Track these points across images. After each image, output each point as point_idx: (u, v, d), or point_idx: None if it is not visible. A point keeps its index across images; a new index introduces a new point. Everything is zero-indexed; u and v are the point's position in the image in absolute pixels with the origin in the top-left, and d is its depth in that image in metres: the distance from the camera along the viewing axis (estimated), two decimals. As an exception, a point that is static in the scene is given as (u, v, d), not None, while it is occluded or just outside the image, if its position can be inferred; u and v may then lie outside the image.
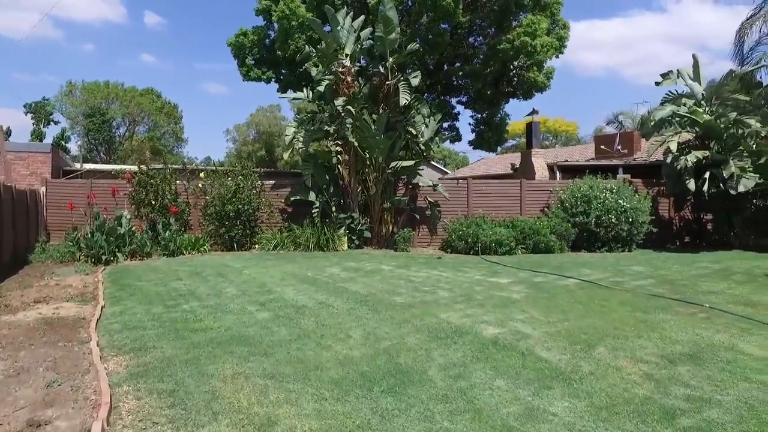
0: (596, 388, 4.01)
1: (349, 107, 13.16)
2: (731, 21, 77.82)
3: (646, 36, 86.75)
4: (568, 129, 60.80)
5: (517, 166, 19.87)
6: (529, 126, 17.29)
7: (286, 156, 14.77)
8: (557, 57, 17.00)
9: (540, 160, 17.32)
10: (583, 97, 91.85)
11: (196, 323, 5.92)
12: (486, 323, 5.87)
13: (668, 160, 14.50)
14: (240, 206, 13.39)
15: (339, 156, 13.93)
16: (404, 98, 12.78)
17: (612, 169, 16.85)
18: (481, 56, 17.20)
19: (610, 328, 5.66)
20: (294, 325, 5.88)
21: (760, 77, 16.03)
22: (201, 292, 7.82)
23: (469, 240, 13.19)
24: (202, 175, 14.82)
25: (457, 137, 19.88)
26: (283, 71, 17.98)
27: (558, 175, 17.32)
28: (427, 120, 13.53)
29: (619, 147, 21.72)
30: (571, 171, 17.59)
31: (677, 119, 14.42)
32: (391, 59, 13.59)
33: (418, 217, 14.70)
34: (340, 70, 13.39)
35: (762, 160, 13.36)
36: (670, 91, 15.73)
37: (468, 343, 5.15)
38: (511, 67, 17.00)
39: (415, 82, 12.91)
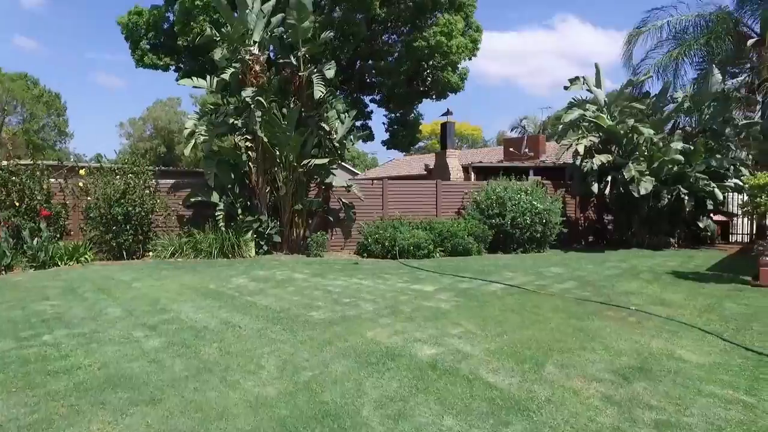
0: (558, 420, 3.45)
1: (259, 99, 11.96)
2: (608, 42, 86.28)
3: (539, 50, 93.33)
4: (473, 133, 63.23)
5: (432, 166, 19.73)
6: (444, 126, 17.18)
7: (186, 151, 13.16)
8: (470, 59, 17.02)
9: (455, 161, 17.25)
10: (485, 104, 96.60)
11: (59, 361, 4.60)
12: (420, 341, 5.18)
13: (576, 162, 15.00)
14: (130, 208, 11.65)
15: (246, 153, 12.65)
16: (319, 91, 11.85)
17: (523, 171, 17.20)
18: (396, 54, 16.75)
19: (551, 340, 5.23)
20: (192, 355, 4.78)
21: (649, 87, 17.26)
22: (73, 316, 6.35)
23: (387, 243, 12.59)
24: (82, 172, 12.77)
25: (370, 136, 19.31)
26: (184, 59, 16.21)
27: (472, 176, 17.36)
28: (342, 116, 12.70)
29: (527, 150, 22.49)
30: (484, 172, 17.74)
31: (584, 123, 14.96)
32: (303, 49, 12.59)
33: (331, 219, 13.84)
34: (248, 57, 12.13)
35: (655, 165, 14.20)
36: (574, 98, 16.37)
37: (403, 368, 4.42)
38: (426, 66, 16.73)
39: (330, 74, 12.03)
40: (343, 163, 28.68)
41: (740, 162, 14.78)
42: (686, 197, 14.18)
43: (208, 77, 13.01)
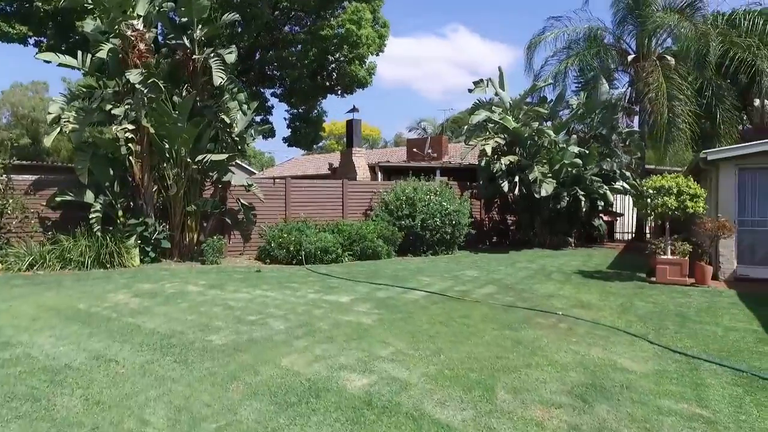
0: (531, 467, 2.86)
1: (145, 83, 10.28)
2: (495, 53, 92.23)
3: (433, 56, 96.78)
4: (372, 134, 63.33)
5: (336, 166, 18.93)
6: (350, 123, 16.46)
7: (48, 142, 10.98)
8: (377, 55, 16.49)
9: (361, 160, 16.62)
10: (381, 106, 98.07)
11: None
12: (347, 369, 4.37)
13: (483, 163, 15.10)
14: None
15: (128, 145, 10.85)
16: (219, 77, 10.42)
17: (430, 171, 17.03)
18: (300, 44, 15.67)
19: (492, 358, 4.71)
20: (40, 414, 3.52)
21: (549, 92, 18.05)
22: None
23: (292, 248, 11.57)
24: None
25: (271, 132, 18.00)
26: (48, 31, 13.67)
27: (380, 176, 16.86)
28: (244, 107, 11.38)
29: (430, 150, 22.55)
30: (391, 172, 17.33)
31: (491, 125, 15.11)
32: (199, 30, 11.11)
33: (229, 222, 12.46)
34: (130, 33, 10.36)
35: (556, 167, 14.73)
36: (479, 99, 16.53)
37: (333, 408, 3.59)
38: (332, 59, 15.88)
39: (231, 58, 10.67)
40: (239, 161, 26.89)
41: (626, 166, 15.86)
42: (583, 198, 14.88)
43: (80, 54, 10.96)
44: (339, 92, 16.96)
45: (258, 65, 16.17)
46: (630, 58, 16.97)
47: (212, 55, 10.77)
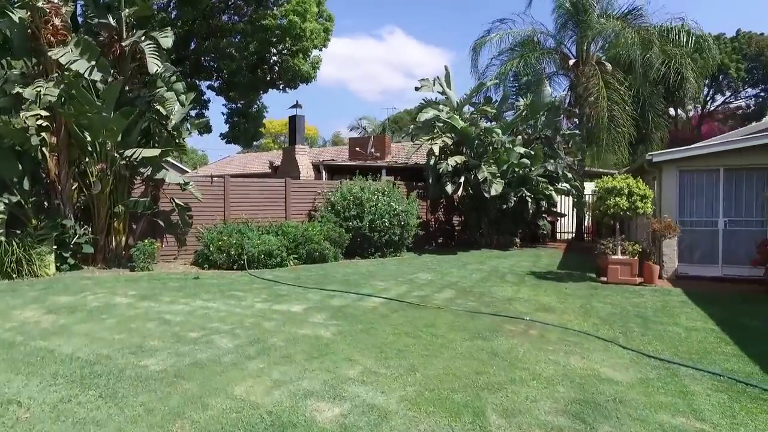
0: None
1: (62, 64, 8.99)
2: (431, 56, 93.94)
3: (369, 57, 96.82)
4: (309, 132, 62.11)
5: (277, 164, 18.02)
6: (293, 119, 15.63)
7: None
8: (320, 50, 15.80)
9: (305, 158, 15.85)
10: (318, 105, 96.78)
11: None
12: (313, 396, 3.77)
13: (431, 162, 14.84)
14: None
15: (42, 136, 9.49)
16: (154, 64, 9.29)
17: (376, 170, 16.57)
18: (240, 34, 14.65)
19: (472, 373, 4.28)
20: None
21: (492, 93, 18.14)
22: None
23: (233, 252, 10.68)
24: None
25: (207, 128, 16.78)
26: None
27: (324, 175, 16.17)
28: (182, 98, 10.26)
29: (373, 149, 22.13)
30: (335, 171, 16.71)
31: (439, 124, 14.87)
32: (128, 10, 9.93)
33: (162, 224, 11.32)
34: (41, 4, 9.03)
35: (504, 167, 14.75)
36: (425, 98, 16.30)
37: (303, 448, 3.00)
38: (274, 51, 15.00)
39: (166, 43, 9.55)
40: (170, 158, 25.21)
41: (569, 167, 16.19)
42: (530, 199, 15.00)
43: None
44: (281, 87, 16.06)
45: (193, 55, 14.95)
46: (571, 62, 17.38)
47: (144, 38, 9.62)
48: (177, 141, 10.56)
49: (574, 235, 19.11)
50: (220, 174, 14.02)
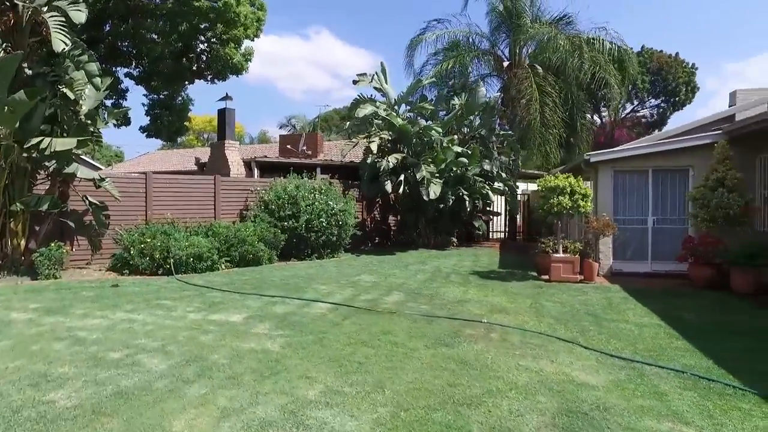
0: None
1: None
2: (357, 57, 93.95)
3: (296, 56, 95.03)
4: (236, 130, 59.64)
5: (204, 161, 16.82)
6: (223, 113, 14.56)
7: None
8: (253, 40, 14.87)
9: (235, 155, 14.84)
10: (243, 102, 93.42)
11: None
12: (272, 426, 3.18)
13: (369, 160, 14.44)
14: None
15: None
16: (60, 41, 7.97)
17: (311, 168, 15.91)
18: (164, 16, 13.36)
19: (444, 386, 3.90)
20: None
21: (429, 93, 18.07)
22: None
23: (157, 255, 9.64)
24: None
25: (125, 119, 15.24)
26: None
27: (256, 172, 15.25)
28: (96, 81, 8.98)
29: (304, 147, 21.42)
30: (268, 169, 15.85)
31: (377, 121, 14.50)
32: (22, -26, 8.56)
33: (72, 225, 9.95)
34: None
35: (442, 166, 14.66)
36: (360, 94, 15.90)
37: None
38: (203, 38, 13.88)
39: (79, 17, 8.21)
40: (79, 152, 22.94)
41: (504, 167, 16.44)
42: (467, 198, 15.03)
43: None
44: (209, 78, 14.89)
45: (109, 37, 13.43)
46: (505, 64, 17.71)
47: (45, 7, 8.29)
48: (92, 131, 9.26)
49: (506, 234, 19.52)
50: (141, 171, 12.76)
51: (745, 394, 4.03)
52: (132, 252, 9.67)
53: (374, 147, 13.92)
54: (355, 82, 15.21)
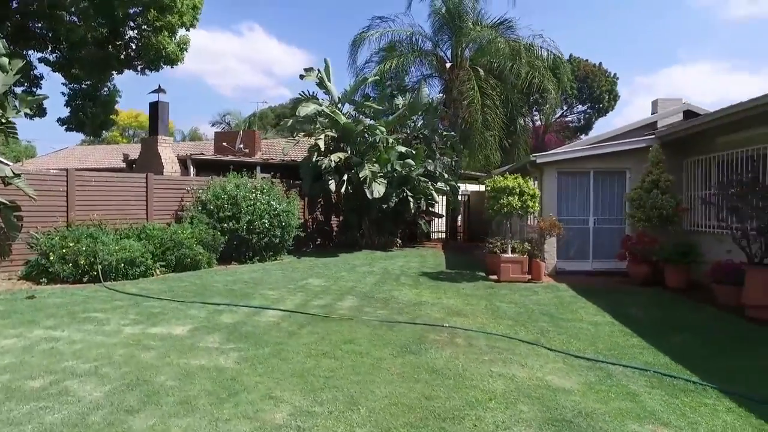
0: None
1: None
2: (291, 56, 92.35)
3: (227, 52, 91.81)
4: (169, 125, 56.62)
5: (133, 158, 15.59)
6: (155, 106, 13.46)
7: None
8: (188, 29, 13.93)
9: (169, 152, 13.82)
10: (172, 96, 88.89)
11: None
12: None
13: (314, 159, 13.98)
14: None
15: None
16: None
17: (250, 167, 15.17)
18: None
19: (421, 399, 3.65)
20: None
21: (371, 92, 17.83)
22: None
23: (82, 261, 8.69)
24: None
25: (40, 110, 13.74)
26: None
27: (192, 170, 14.31)
28: (3, 60, 7.84)
29: (242, 145, 20.55)
30: (202, 167, 14.96)
31: (321, 119, 14.07)
32: None
33: (-25, 228, 8.81)
34: None
35: (387, 166, 14.49)
36: (303, 91, 15.42)
37: None
38: (132, 24, 12.77)
39: None
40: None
41: (446, 167, 16.52)
42: (411, 199, 14.95)
43: None
44: (140, 68, 13.72)
45: (18, 16, 11.98)
46: (448, 65, 17.83)
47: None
48: (2, 120, 8.16)
49: (447, 234, 19.70)
50: (61, 168, 11.54)
51: (705, 389, 4.11)
52: (51, 258, 8.66)
53: (321, 144, 13.48)
54: (302, 77, 14.68)
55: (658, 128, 13.25)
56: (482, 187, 20.41)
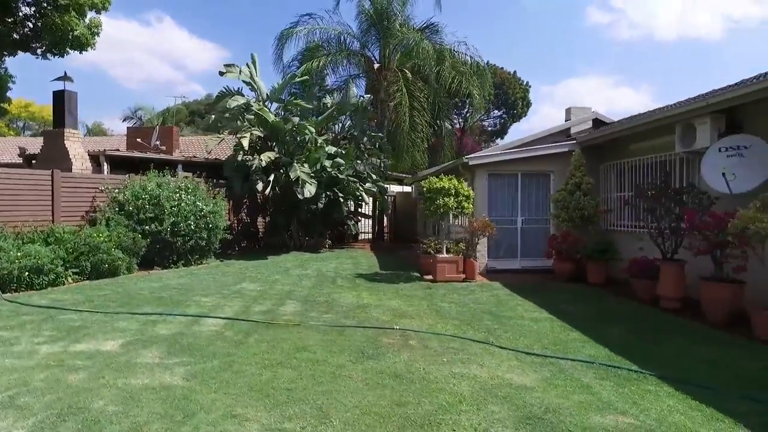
0: None
1: None
2: (204, 51, 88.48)
3: (133, 43, 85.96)
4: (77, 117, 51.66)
5: (32, 152, 13.95)
6: (61, 95, 12.02)
7: None
8: (99, 12, 12.72)
9: (78, 146, 12.48)
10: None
11: None
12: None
13: (240, 158, 13.36)
14: None
15: None
16: None
17: (170, 165, 14.17)
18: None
19: (393, 406, 3.55)
20: None
21: (299, 90, 17.43)
22: None
23: (-27, 270, 7.62)
24: None
25: None
26: None
27: (106, 168, 13.08)
28: None
29: (158, 142, 19.22)
30: (118, 165, 13.77)
31: (250, 116, 13.49)
32: None
33: None
34: None
35: (317, 166, 14.21)
36: (226, 87, 14.79)
37: None
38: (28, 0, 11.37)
39: None
40: None
41: (375, 168, 16.54)
42: (341, 199, 14.78)
43: None
44: (40, 51, 12.23)
45: None
46: (376, 66, 17.85)
47: None
48: None
49: (374, 235, 19.74)
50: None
51: (646, 377, 4.40)
52: (-65, 268, 7.49)
53: (246, 143, 12.89)
54: (222, 73, 13.97)
55: (572, 134, 14.21)
56: (408, 188, 20.72)
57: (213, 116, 14.65)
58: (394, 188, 21.14)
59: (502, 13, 77.37)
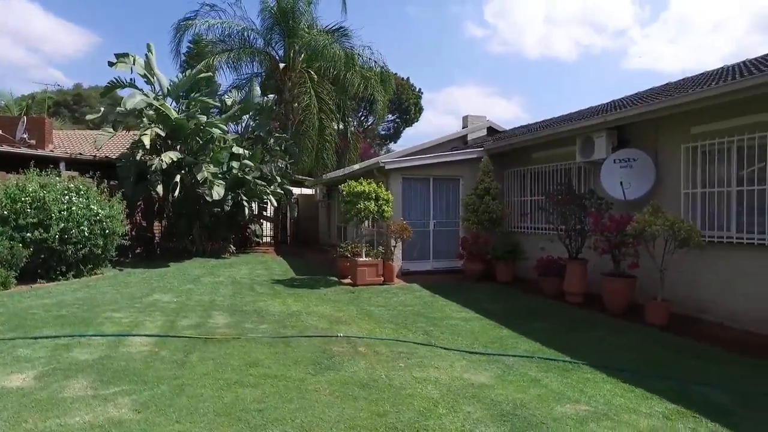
0: None
1: None
2: (67, 34, 79.61)
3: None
4: None
5: None
6: None
7: None
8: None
9: (-73, 141, 10.46)
10: None
11: None
12: None
13: (139, 157, 12.22)
14: None
15: None
16: None
17: (49, 162, 12.47)
18: None
19: (374, 417, 3.52)
20: None
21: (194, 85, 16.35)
22: None
23: None
24: None
25: None
26: None
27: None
28: None
29: (26, 135, 16.84)
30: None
31: (150, 112, 12.38)
32: None
33: None
34: None
35: (224, 168, 13.51)
36: (117, 78, 13.49)
37: None
38: None
39: None
40: None
41: (281, 171, 16.12)
42: (246, 202, 14.20)
43: None
44: None
45: None
46: (281, 66, 17.38)
47: None
48: None
49: (277, 239, 19.23)
50: None
51: (580, 366, 4.86)
52: None
53: (147, 141, 11.81)
54: (111, 64, 12.69)
55: (468, 141, 15.16)
56: (309, 191, 20.48)
57: (102, 109, 13.22)
58: (296, 191, 20.77)
59: (390, 20, 79.80)
